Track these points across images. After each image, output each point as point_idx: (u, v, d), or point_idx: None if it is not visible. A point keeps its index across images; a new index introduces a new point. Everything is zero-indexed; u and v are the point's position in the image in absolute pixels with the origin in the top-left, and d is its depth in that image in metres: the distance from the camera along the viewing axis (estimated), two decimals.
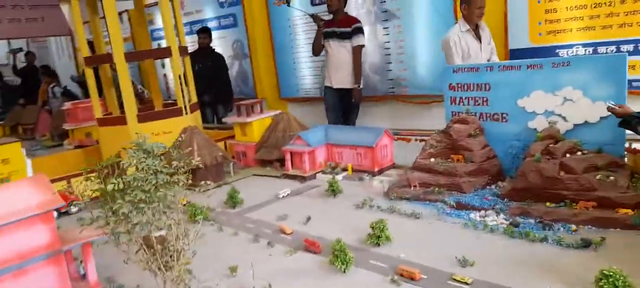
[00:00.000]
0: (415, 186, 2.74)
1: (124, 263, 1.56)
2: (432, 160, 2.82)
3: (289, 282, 1.88)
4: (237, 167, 3.86)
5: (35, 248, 1.76)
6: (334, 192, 2.89)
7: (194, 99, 4.50)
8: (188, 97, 4.29)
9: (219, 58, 6.94)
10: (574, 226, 2.10)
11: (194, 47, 6.84)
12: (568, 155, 2.36)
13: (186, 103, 4.23)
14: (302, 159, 3.38)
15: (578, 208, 2.18)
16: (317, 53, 5.44)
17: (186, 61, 4.46)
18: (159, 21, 8.52)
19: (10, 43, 11.13)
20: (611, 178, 2.20)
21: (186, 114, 4.24)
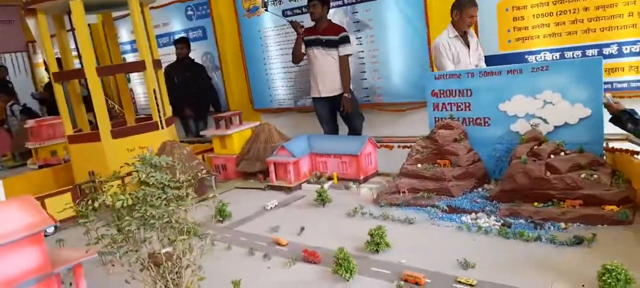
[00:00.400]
0: (404, 192, 2.76)
1: (126, 283, 1.50)
2: (419, 165, 2.86)
3: None
4: (217, 180, 3.79)
5: (25, 272, 1.66)
6: (323, 201, 2.87)
7: (169, 112, 4.40)
8: (163, 110, 4.19)
9: (198, 68, 6.78)
10: (563, 224, 2.17)
11: (170, 60, 6.70)
12: (552, 156, 2.44)
13: (162, 117, 4.13)
14: (287, 170, 3.35)
15: (565, 207, 2.25)
16: (297, 61, 5.29)
17: (160, 74, 4.37)
18: (124, 35, 8.34)
19: None
20: (595, 176, 2.29)
21: (162, 128, 4.14)
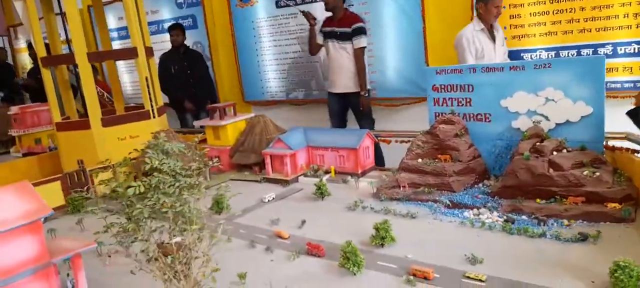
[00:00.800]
0: (404, 187, 2.75)
1: (132, 274, 1.44)
2: (420, 160, 2.84)
3: (301, 287, 1.81)
4: (211, 172, 3.72)
5: (23, 261, 1.60)
6: (322, 194, 2.84)
7: (160, 102, 4.31)
8: (155, 99, 4.10)
9: (196, 56, 6.47)
10: (566, 221, 2.17)
11: (161, 49, 6.54)
12: (555, 153, 2.45)
13: (154, 106, 4.05)
14: (283, 162, 3.31)
15: (568, 204, 2.26)
16: (313, 52, 5.02)
17: (152, 62, 4.27)
18: (111, 22, 8.16)
19: None
20: (597, 174, 2.30)
21: (154, 117, 4.05)
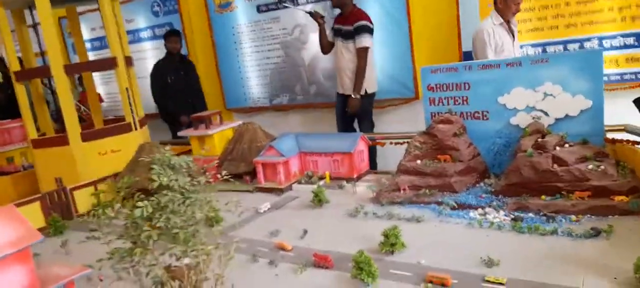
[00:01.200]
0: (405, 189, 2.67)
1: None
2: (419, 162, 2.78)
3: None
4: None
5: None
6: (320, 201, 2.75)
7: (141, 113, 4.15)
8: (136, 111, 3.95)
9: (191, 66, 6.19)
10: (574, 216, 2.13)
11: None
12: (558, 148, 2.42)
13: (135, 117, 3.89)
14: (277, 170, 3.20)
15: (575, 199, 2.22)
16: (325, 52, 4.90)
17: (131, 72, 4.11)
18: (84, 33, 7.89)
19: None
20: (601, 167, 2.27)
21: (136, 129, 3.90)
